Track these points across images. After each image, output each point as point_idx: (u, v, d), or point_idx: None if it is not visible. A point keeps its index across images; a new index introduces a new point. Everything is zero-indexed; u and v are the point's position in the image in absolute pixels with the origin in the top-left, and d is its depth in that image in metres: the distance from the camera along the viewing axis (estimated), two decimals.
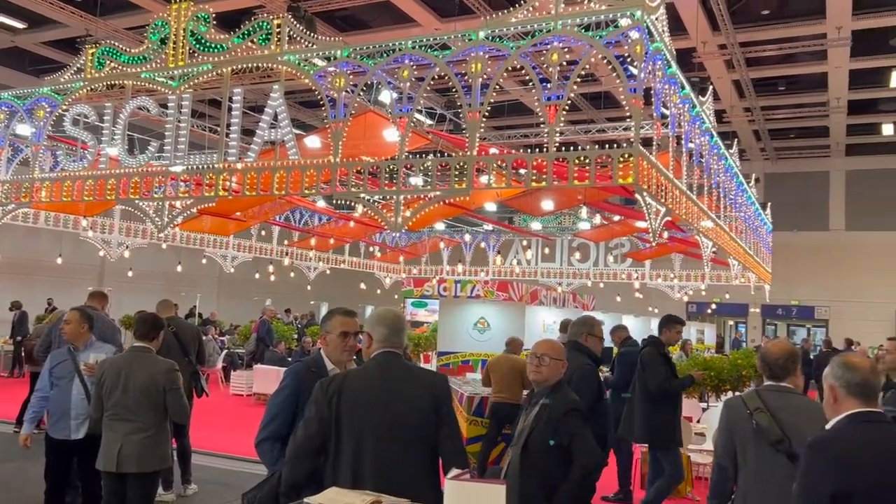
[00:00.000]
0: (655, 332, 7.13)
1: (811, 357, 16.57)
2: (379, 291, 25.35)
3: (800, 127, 23.22)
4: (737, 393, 9.14)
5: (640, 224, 14.56)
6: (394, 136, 7.76)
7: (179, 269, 21.61)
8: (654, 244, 15.58)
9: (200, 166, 8.18)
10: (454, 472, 2.60)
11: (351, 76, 7.65)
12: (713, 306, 26.37)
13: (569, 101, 7.06)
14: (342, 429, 2.93)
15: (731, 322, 30.79)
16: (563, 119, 7.05)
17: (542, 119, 6.97)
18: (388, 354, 3.05)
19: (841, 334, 22.31)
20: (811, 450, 2.52)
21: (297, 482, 2.93)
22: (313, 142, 9.93)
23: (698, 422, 9.09)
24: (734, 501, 3.40)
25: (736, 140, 15.64)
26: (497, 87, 7.12)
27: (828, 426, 2.60)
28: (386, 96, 10.06)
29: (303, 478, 2.94)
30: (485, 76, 7.16)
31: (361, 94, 8.56)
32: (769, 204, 19.09)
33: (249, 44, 7.94)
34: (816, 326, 27.83)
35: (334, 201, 13.93)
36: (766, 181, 25.72)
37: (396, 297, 22.27)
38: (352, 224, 16.05)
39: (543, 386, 3.70)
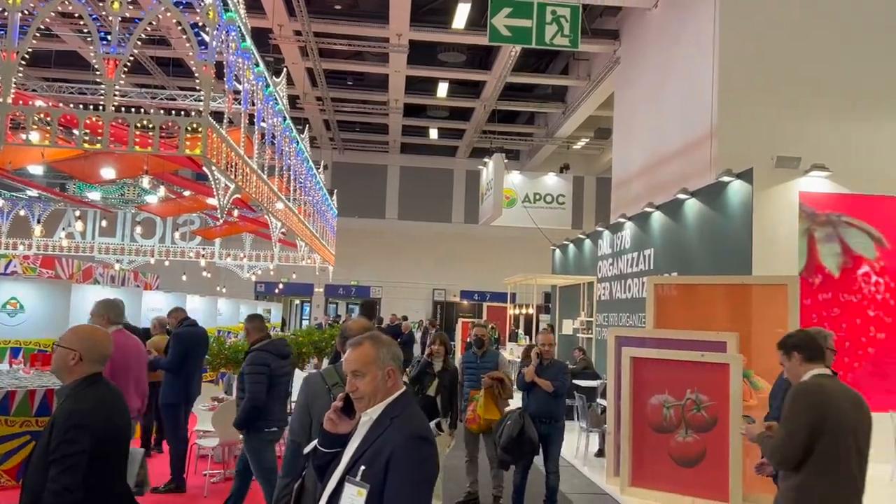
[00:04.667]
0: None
1: None
2: None
3: (364, 122, 25.30)
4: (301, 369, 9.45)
5: (211, 201, 14.12)
6: None
7: None
8: (222, 222, 15.28)
9: None
10: None
11: None
12: (281, 286, 27.19)
13: (132, 59, 6.44)
14: None
15: (297, 301, 32.18)
16: (124, 79, 6.39)
17: (100, 75, 6.20)
18: None
19: (390, 311, 25.17)
20: None
21: None
22: None
23: None
24: (305, 478, 3.37)
25: (308, 127, 16.20)
26: (45, 30, 6.13)
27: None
28: None
29: None
30: (26, 13, 6.11)
31: None
32: (336, 191, 20.41)
33: None
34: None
35: None
36: (333, 169, 27.49)
37: None
38: None
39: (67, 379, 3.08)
